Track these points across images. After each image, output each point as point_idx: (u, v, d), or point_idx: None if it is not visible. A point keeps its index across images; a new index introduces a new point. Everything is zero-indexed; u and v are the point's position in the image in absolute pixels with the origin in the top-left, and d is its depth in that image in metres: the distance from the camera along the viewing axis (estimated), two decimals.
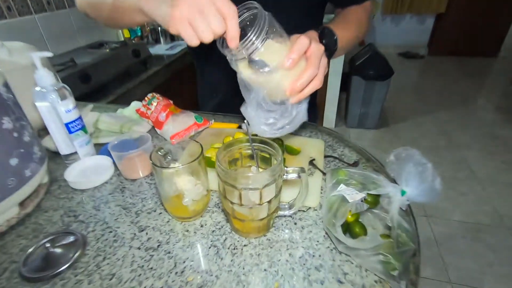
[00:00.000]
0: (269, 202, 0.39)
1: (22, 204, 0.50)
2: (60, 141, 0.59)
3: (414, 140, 2.35)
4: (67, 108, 0.55)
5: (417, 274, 0.38)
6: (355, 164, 0.57)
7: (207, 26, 0.37)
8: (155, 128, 0.70)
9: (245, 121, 0.41)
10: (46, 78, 0.53)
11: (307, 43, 0.42)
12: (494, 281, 1.30)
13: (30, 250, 0.41)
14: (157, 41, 2.29)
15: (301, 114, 0.49)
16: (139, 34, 2.23)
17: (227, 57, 0.43)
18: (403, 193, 0.43)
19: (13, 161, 0.45)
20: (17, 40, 1.42)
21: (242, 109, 0.48)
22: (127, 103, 0.86)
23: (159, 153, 0.47)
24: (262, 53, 0.40)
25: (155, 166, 0.41)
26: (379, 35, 4.44)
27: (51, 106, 0.54)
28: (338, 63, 2.22)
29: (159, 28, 2.27)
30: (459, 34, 4.05)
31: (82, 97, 1.31)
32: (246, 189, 0.37)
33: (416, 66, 4.08)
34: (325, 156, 0.61)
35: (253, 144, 0.43)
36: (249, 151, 0.44)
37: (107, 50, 1.68)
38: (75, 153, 0.61)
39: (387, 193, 0.44)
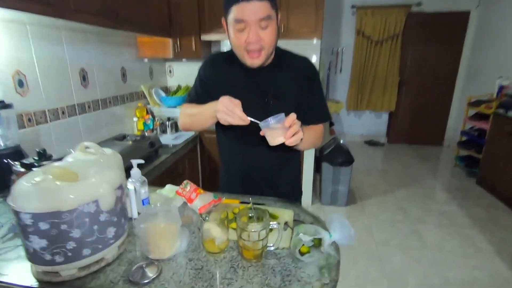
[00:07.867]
0: (262, 240, 0.79)
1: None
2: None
3: (376, 215, 2.78)
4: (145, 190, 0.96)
5: (337, 275, 0.76)
6: (312, 223, 0.98)
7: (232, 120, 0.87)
8: (187, 203, 1.10)
9: (249, 198, 0.83)
10: (137, 174, 0.95)
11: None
12: None
13: (133, 268, 0.76)
14: (164, 131, 2.82)
15: None
16: (151, 127, 2.76)
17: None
18: (330, 236, 0.84)
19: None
20: (64, 134, 1.90)
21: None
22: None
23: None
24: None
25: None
26: (346, 127, 5.32)
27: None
28: (310, 152, 2.79)
29: (167, 122, 2.84)
30: (408, 127, 4.98)
31: None
32: (251, 232, 0.77)
33: (378, 151, 4.82)
34: (294, 220, 1.01)
35: (254, 210, 0.84)
36: (251, 214, 0.85)
37: (130, 142, 2.15)
38: None
39: (323, 237, 0.84)
